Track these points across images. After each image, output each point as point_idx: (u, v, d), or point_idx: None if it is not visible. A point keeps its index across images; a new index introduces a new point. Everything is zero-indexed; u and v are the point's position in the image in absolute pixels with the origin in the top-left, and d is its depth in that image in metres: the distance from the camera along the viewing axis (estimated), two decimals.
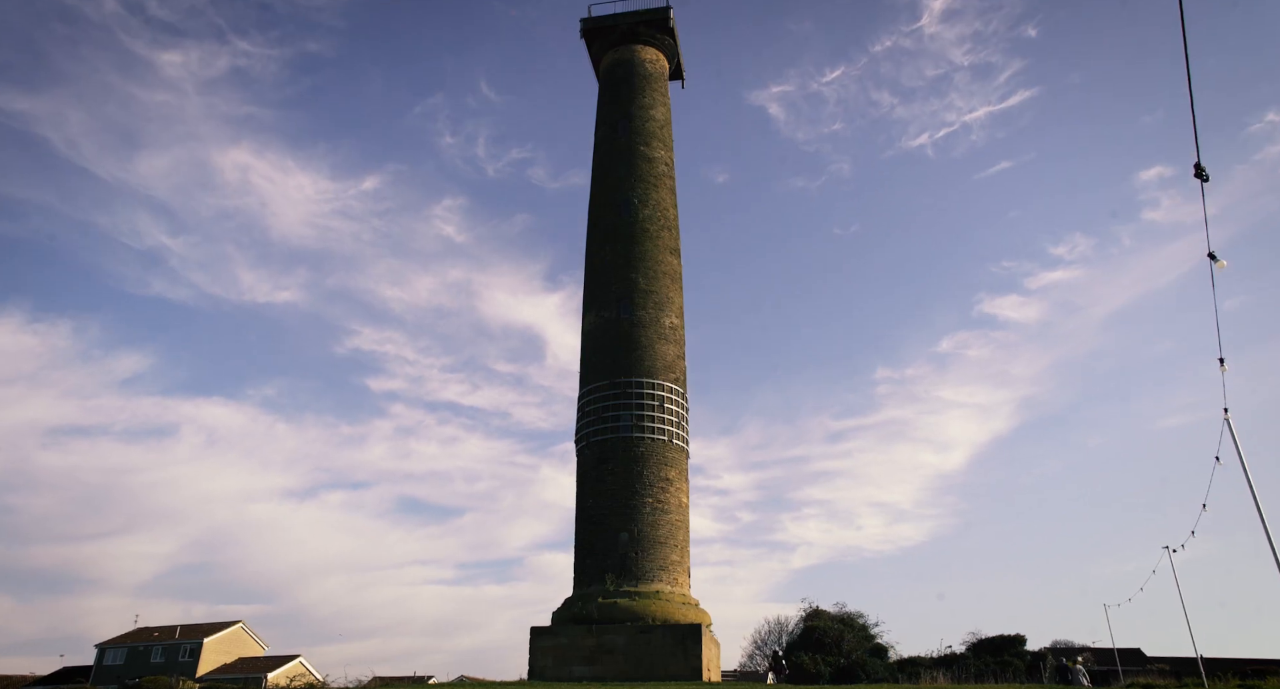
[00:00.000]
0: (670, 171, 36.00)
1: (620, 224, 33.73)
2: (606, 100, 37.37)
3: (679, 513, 29.80)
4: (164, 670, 51.01)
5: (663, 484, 29.50)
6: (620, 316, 31.88)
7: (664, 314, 32.34)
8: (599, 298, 32.82)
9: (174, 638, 56.31)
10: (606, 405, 30.34)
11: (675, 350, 32.21)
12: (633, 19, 37.73)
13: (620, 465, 29.40)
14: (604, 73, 38.43)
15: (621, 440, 29.67)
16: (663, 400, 30.53)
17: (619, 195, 34.32)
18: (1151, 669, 42.72)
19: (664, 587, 28.02)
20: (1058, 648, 50.12)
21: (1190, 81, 8.99)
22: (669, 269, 33.56)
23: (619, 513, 28.71)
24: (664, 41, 38.21)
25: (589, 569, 28.59)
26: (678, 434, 30.67)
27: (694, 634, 25.99)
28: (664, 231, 34.13)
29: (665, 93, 38.01)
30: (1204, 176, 9.62)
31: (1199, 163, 9.49)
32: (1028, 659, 40.54)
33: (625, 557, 28.19)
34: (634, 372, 30.73)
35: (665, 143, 36.40)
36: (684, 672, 25.32)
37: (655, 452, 29.78)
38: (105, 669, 55.91)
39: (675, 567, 28.84)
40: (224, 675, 52.15)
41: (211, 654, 55.65)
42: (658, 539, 28.64)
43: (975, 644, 44.07)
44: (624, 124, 35.90)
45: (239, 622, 58.89)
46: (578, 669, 26.16)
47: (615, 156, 35.34)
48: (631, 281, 32.48)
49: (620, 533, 28.50)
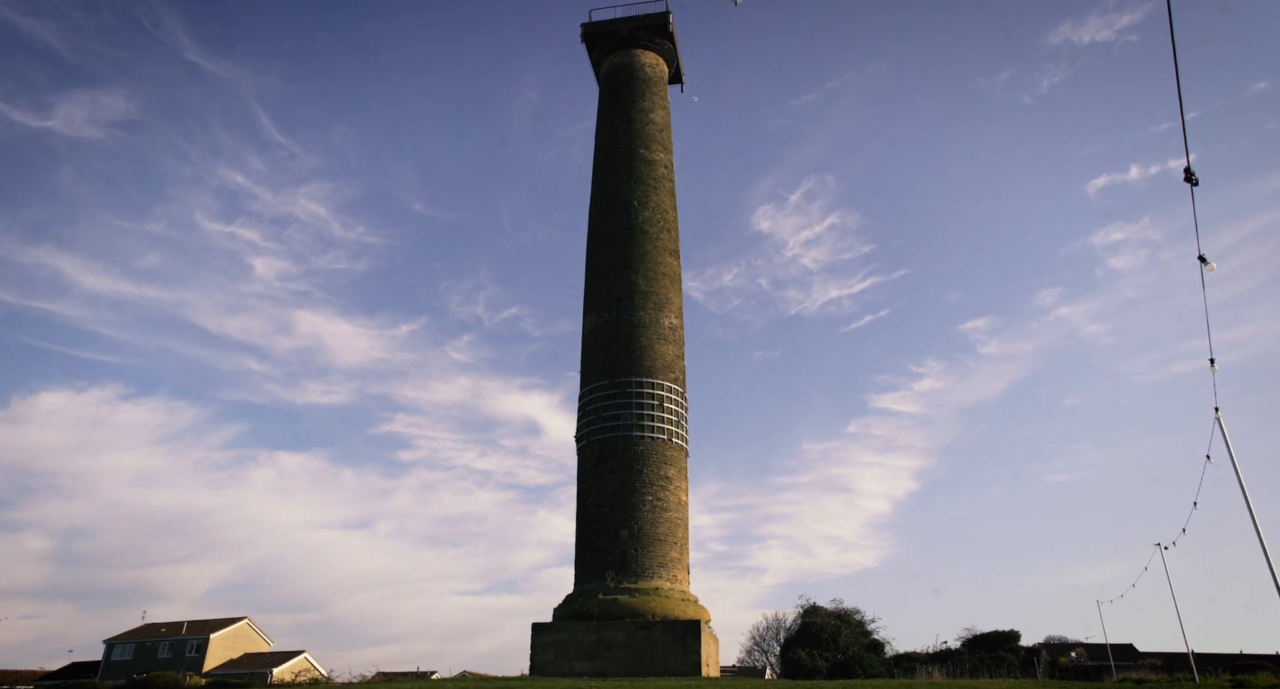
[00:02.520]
0: (670, 174, 36.44)
1: (620, 226, 34.16)
2: (606, 104, 37.78)
3: (678, 510, 30.16)
4: (171, 666, 51.60)
5: (662, 482, 29.91)
6: (620, 317, 32.28)
7: (663, 314, 32.77)
8: (599, 298, 33.24)
9: (181, 634, 56.86)
10: (607, 404, 30.74)
11: (675, 350, 32.63)
12: (632, 24, 38.13)
13: (620, 463, 29.77)
14: (604, 77, 38.87)
15: (621, 439, 30.04)
16: (662, 400, 30.97)
17: (619, 197, 34.74)
18: (1144, 664, 43.23)
19: (664, 583, 28.33)
20: (1051, 643, 50.68)
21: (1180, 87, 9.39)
22: (668, 270, 34.00)
23: (619, 510, 29.06)
24: (663, 46, 38.64)
25: (590, 566, 28.93)
26: (677, 433, 31.07)
27: (693, 630, 26.28)
28: (663, 233, 34.58)
29: (665, 96, 38.44)
30: (1194, 181, 10.04)
31: (1189, 167, 9.90)
32: (1021, 654, 41.05)
33: (625, 553, 28.54)
34: (634, 371, 31.12)
35: (665, 146, 36.84)
36: (683, 667, 25.62)
37: (655, 450, 30.17)
38: (113, 665, 56.49)
39: (675, 563, 29.19)
40: (230, 671, 52.69)
41: (218, 650, 56.21)
42: (657, 536, 28.99)
43: (970, 640, 44.54)
44: (624, 127, 36.33)
45: (244, 618, 59.41)
46: (578, 664, 26.47)
47: (615, 159, 35.76)
48: (631, 282, 32.88)
49: (620, 530, 28.87)
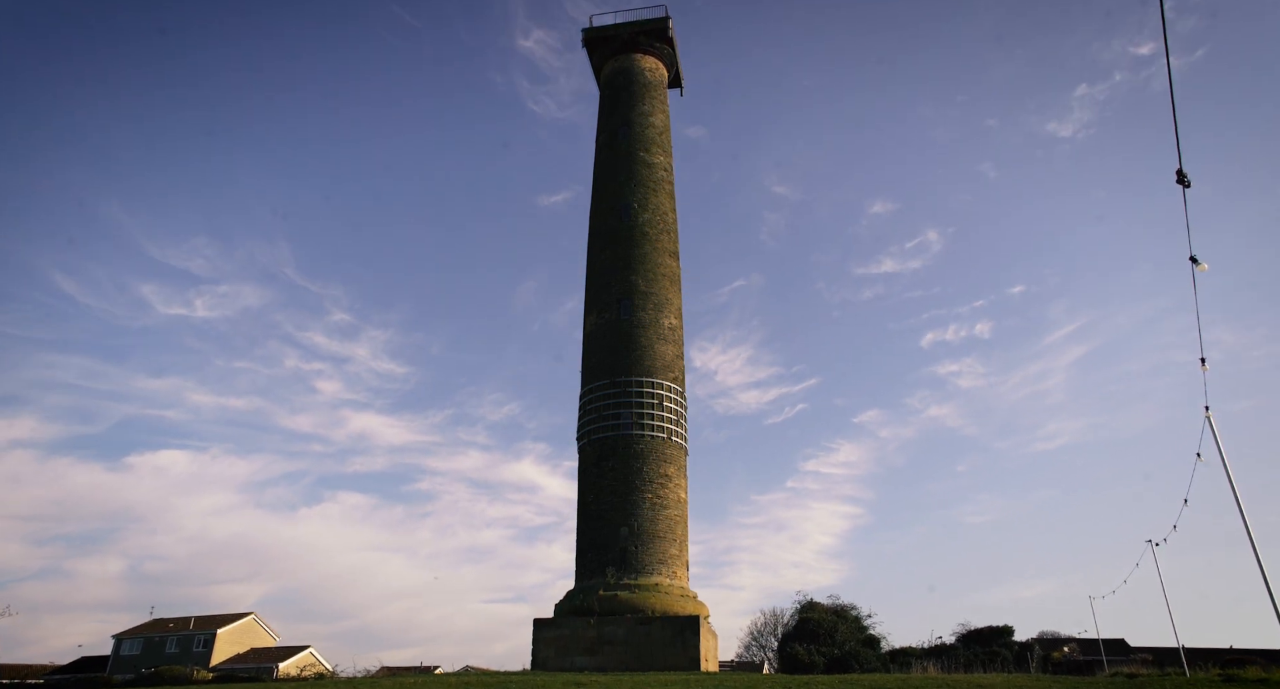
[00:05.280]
0: (669, 176, 36.92)
1: (620, 227, 34.65)
2: (607, 108, 38.26)
3: (677, 508, 30.64)
4: (179, 660, 52.29)
5: (662, 480, 30.37)
6: (620, 317, 32.74)
7: (663, 315, 33.26)
8: (599, 299, 33.71)
9: (188, 629, 57.58)
10: (607, 403, 31.19)
11: (674, 350, 33.10)
12: (633, 29, 38.62)
13: (620, 462, 30.23)
14: (604, 81, 39.36)
15: (622, 438, 30.50)
16: (662, 399, 31.47)
17: (619, 200, 35.22)
18: (1135, 659, 43.76)
19: (663, 580, 28.79)
20: (1045, 638, 51.27)
21: (1173, 90, 9.79)
22: (668, 271, 34.50)
23: (619, 508, 29.51)
24: (663, 50, 39.13)
25: (590, 563, 29.39)
26: (676, 431, 31.54)
27: (692, 626, 26.69)
28: (663, 235, 35.09)
29: (664, 100, 38.91)
30: (1186, 182, 10.41)
31: (1180, 169, 10.26)
32: (1015, 649, 41.62)
33: (625, 550, 29.00)
34: (634, 371, 31.59)
35: (664, 149, 37.32)
36: (682, 662, 26.01)
37: (654, 448, 30.63)
38: (122, 659, 57.20)
39: (674, 560, 29.65)
40: (236, 665, 53.39)
41: (225, 645, 56.93)
42: (657, 533, 29.45)
43: (965, 635, 45.11)
44: (624, 130, 36.82)
45: (250, 613, 60.14)
46: (579, 659, 26.90)
47: (615, 162, 36.24)
48: (631, 283, 33.36)
49: (620, 527, 29.35)
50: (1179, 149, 10.18)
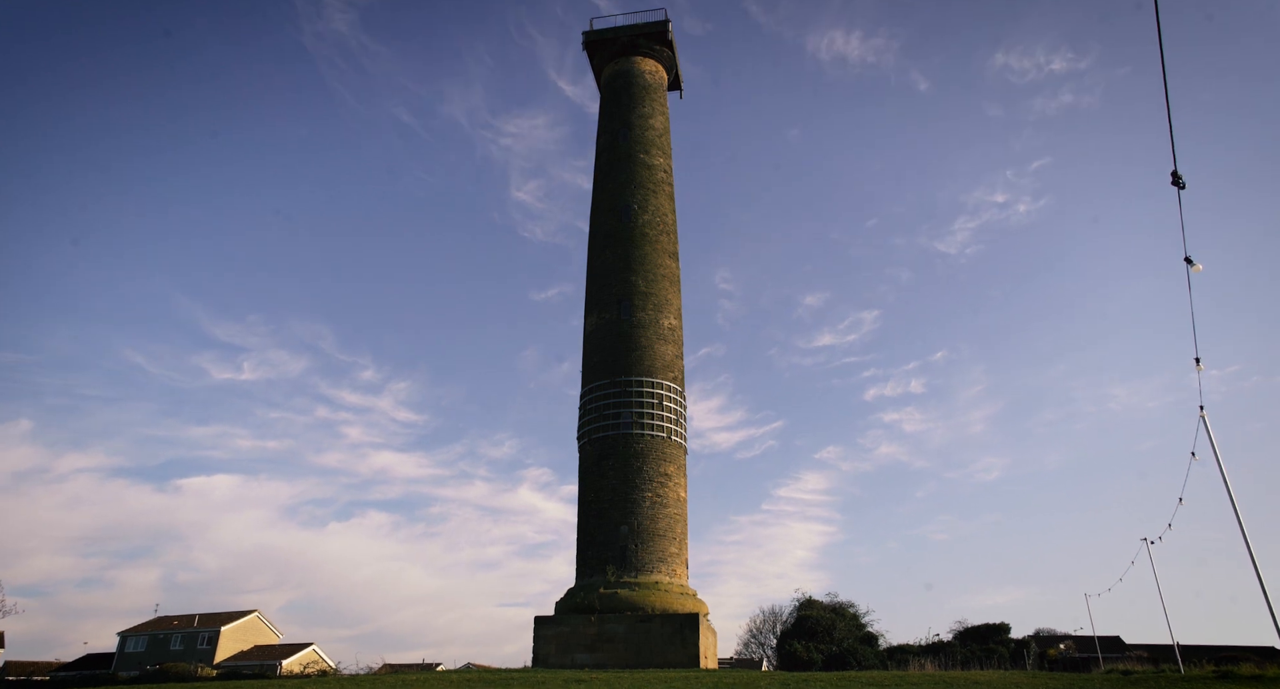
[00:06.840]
0: (669, 178, 37.26)
1: (621, 229, 35.00)
2: (607, 110, 38.59)
3: (677, 507, 30.96)
4: (183, 657, 52.75)
5: (661, 479, 30.71)
6: (620, 318, 33.07)
7: (663, 315, 33.61)
8: (600, 300, 34.06)
9: (193, 626, 58.05)
10: (607, 403, 31.52)
11: (674, 350, 33.45)
12: (633, 32, 38.94)
13: (621, 461, 30.56)
14: (605, 83, 39.69)
15: (622, 437, 30.82)
16: (662, 398, 31.81)
17: (619, 201, 35.56)
18: (1130, 656, 44.07)
19: (663, 577, 29.10)
20: (1041, 636, 51.63)
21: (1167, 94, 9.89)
22: (668, 272, 34.85)
23: (619, 506, 29.83)
24: (662, 53, 39.45)
25: (590, 561, 29.72)
26: (676, 430, 31.88)
27: (691, 623, 26.97)
28: (663, 236, 35.43)
29: (664, 102, 39.24)
30: (1181, 184, 10.48)
31: (1175, 171, 10.36)
32: (1012, 646, 41.96)
33: (625, 548, 29.33)
34: (634, 370, 31.91)
35: (664, 150, 37.67)
36: (682, 660, 26.28)
37: (654, 447, 30.94)
38: (127, 656, 57.64)
39: (673, 558, 29.98)
40: (241, 662, 53.85)
41: (229, 642, 57.41)
42: (657, 532, 29.78)
43: (962, 632, 45.36)
44: (624, 132, 37.16)
45: (254, 611, 60.61)
46: (580, 656, 27.17)
47: (616, 164, 36.58)
48: (631, 284, 33.71)
49: (620, 526, 29.68)
50: (1174, 150, 10.44)
